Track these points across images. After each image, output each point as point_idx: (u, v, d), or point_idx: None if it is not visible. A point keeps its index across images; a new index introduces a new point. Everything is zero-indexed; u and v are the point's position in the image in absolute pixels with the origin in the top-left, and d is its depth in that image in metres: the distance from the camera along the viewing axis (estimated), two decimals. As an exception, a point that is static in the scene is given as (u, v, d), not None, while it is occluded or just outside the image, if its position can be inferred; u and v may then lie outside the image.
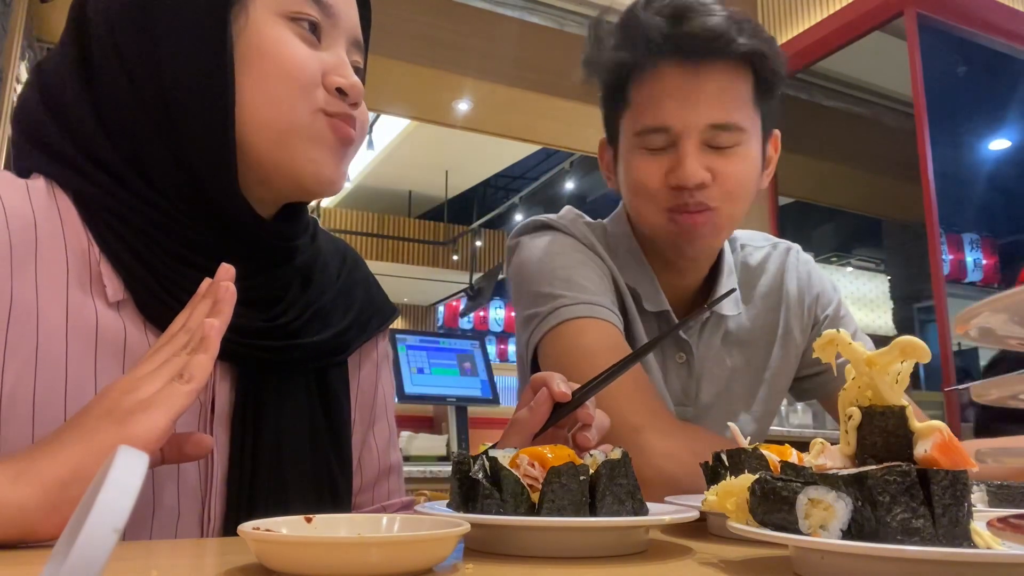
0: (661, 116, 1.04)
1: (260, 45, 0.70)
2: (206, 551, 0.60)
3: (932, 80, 3.55)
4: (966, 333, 0.43)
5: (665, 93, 1.04)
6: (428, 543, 0.47)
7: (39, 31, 4.19)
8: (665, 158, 1.05)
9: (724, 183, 1.04)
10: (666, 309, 1.13)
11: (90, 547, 0.29)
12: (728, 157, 1.04)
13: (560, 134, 5.56)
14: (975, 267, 5.14)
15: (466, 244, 11.57)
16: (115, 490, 0.31)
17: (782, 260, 1.25)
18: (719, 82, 1.04)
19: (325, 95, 0.72)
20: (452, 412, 2.91)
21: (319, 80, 0.72)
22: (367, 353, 0.89)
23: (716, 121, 1.03)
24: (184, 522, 0.69)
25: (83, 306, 0.66)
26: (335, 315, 0.82)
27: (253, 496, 0.70)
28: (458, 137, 7.26)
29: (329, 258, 0.86)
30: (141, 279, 0.68)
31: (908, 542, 0.43)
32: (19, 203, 0.66)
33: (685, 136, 1.03)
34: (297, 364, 0.76)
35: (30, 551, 0.54)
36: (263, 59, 0.70)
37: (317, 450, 0.76)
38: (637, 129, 1.07)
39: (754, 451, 0.66)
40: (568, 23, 4.22)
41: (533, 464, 0.59)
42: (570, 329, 1.04)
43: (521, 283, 1.14)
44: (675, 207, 1.05)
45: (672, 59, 1.04)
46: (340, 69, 0.73)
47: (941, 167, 3.51)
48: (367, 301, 0.87)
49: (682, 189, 1.03)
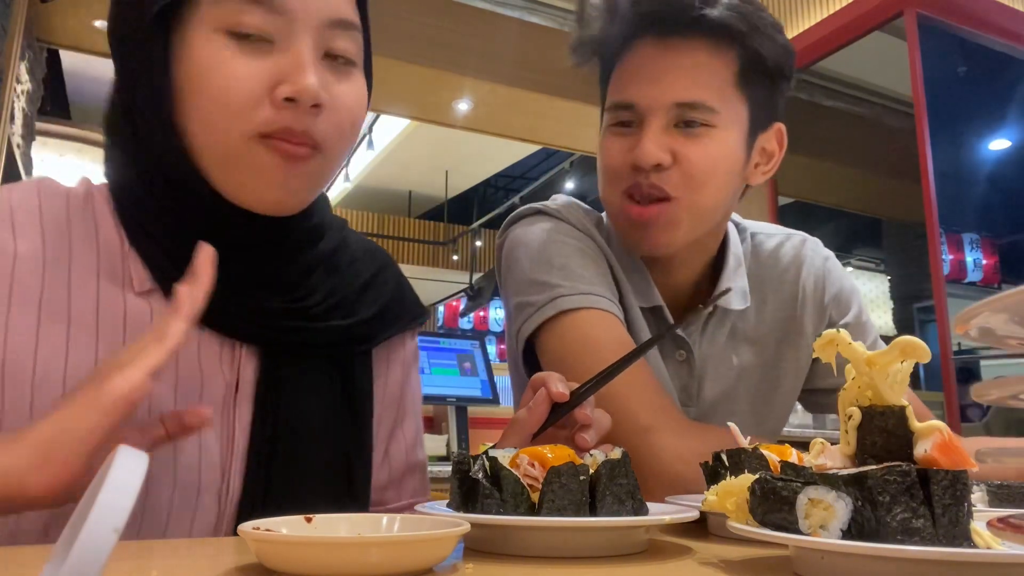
0: (627, 92, 1.01)
1: (192, 69, 0.68)
2: (206, 551, 0.60)
3: (932, 80, 3.55)
4: (966, 333, 0.43)
5: (635, 68, 1.01)
6: (428, 543, 0.47)
7: (39, 31, 4.20)
8: (630, 137, 1.01)
9: (686, 167, 0.98)
10: (659, 305, 1.08)
11: (90, 547, 0.29)
12: (694, 139, 0.98)
13: (560, 134, 5.57)
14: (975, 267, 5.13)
15: (466, 244, 11.57)
16: (115, 490, 0.31)
17: (797, 251, 1.17)
18: (693, 58, 0.99)
19: (270, 111, 0.67)
20: (452, 412, 2.91)
21: (261, 95, 0.67)
22: (395, 351, 0.89)
23: (683, 99, 0.98)
24: (204, 495, 0.71)
25: (113, 297, 0.71)
26: (361, 305, 0.82)
27: (270, 472, 0.72)
28: (458, 137, 7.26)
29: (359, 254, 0.87)
30: (166, 270, 0.71)
31: (908, 542, 0.43)
32: (56, 210, 0.73)
33: (650, 114, 0.99)
34: (319, 348, 0.77)
35: (30, 551, 0.54)
36: (198, 83, 0.67)
37: (335, 433, 0.77)
38: (608, 105, 1.04)
39: (754, 451, 0.66)
40: (568, 23, 4.21)
41: (533, 464, 0.59)
42: (571, 320, 0.99)
43: (512, 270, 1.08)
44: (629, 189, 1.00)
45: (647, 34, 1.00)
46: (291, 74, 0.67)
47: (941, 167, 3.51)
48: (396, 299, 0.88)
49: (639, 170, 0.98)
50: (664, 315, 1.08)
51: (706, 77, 0.99)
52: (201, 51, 0.67)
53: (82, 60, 5.11)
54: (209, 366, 0.73)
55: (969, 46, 3.92)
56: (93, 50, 4.36)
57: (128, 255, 0.73)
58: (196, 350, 0.73)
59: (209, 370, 0.73)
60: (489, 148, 8.25)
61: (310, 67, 0.68)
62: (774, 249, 1.18)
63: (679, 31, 0.99)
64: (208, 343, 0.73)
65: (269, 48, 0.68)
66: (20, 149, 4.17)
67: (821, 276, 1.16)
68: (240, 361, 0.74)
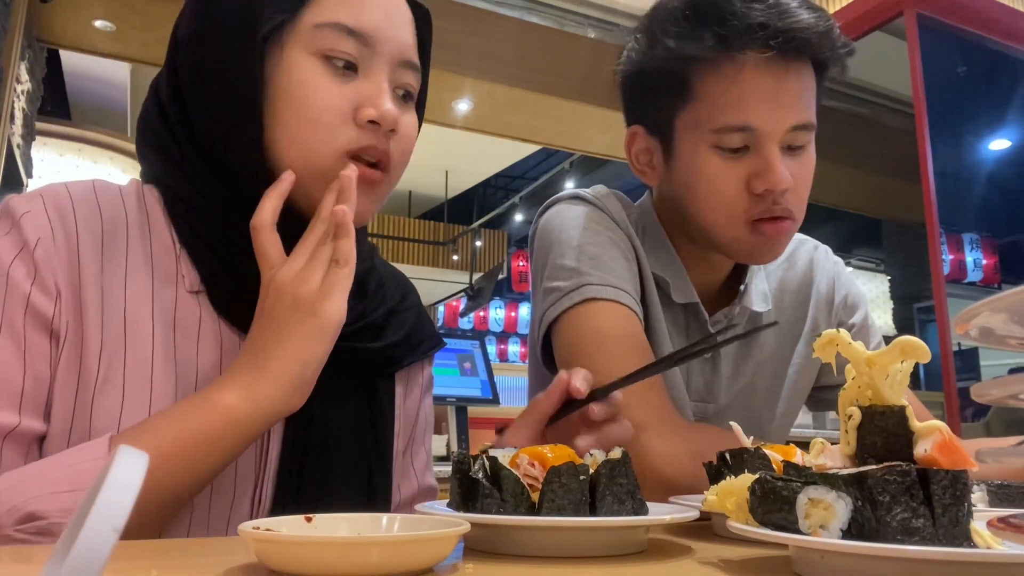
0: (745, 115, 0.96)
1: (288, 88, 0.73)
2: (206, 551, 0.60)
3: (932, 80, 3.55)
4: (966, 333, 0.43)
5: (751, 91, 0.96)
6: (428, 543, 0.47)
7: (39, 31, 4.19)
8: (743, 162, 0.98)
9: (799, 187, 0.99)
10: (695, 301, 1.09)
11: (90, 547, 0.29)
12: (800, 158, 1.00)
13: (560, 134, 5.57)
14: (975, 267, 5.14)
15: (466, 244, 11.57)
16: (115, 489, 0.31)
17: (811, 256, 1.22)
18: (803, 81, 0.99)
19: (356, 132, 0.74)
20: (452, 412, 2.91)
21: (349, 116, 0.74)
22: (414, 376, 0.93)
23: (800, 122, 0.98)
24: (237, 504, 0.74)
25: (165, 294, 0.74)
26: (387, 331, 0.86)
27: (301, 484, 0.75)
28: (458, 137, 7.25)
29: (386, 280, 0.90)
30: (214, 272, 0.75)
31: (908, 542, 0.43)
32: (113, 208, 0.76)
33: (768, 138, 0.96)
34: (349, 367, 0.80)
35: (30, 550, 0.54)
36: (290, 102, 0.73)
37: (360, 451, 0.80)
38: (715, 127, 0.98)
39: (757, 451, 0.66)
40: (568, 23, 4.22)
41: (533, 464, 0.59)
42: (592, 310, 1.00)
43: (545, 252, 1.08)
44: (758, 216, 0.99)
45: (759, 53, 0.95)
46: (374, 99, 0.74)
47: (941, 167, 3.51)
48: (418, 326, 0.91)
49: (766, 196, 0.97)
50: (699, 311, 1.10)
51: (810, 96, 1.00)
52: (299, 71, 0.73)
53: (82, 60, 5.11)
54: None
55: (969, 46, 3.92)
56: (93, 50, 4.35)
57: (181, 255, 0.76)
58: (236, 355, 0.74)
59: None
60: (489, 148, 8.24)
61: (388, 95, 0.76)
62: (791, 254, 1.22)
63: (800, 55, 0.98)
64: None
65: (353, 76, 0.75)
66: (20, 149, 4.17)
67: (832, 280, 1.21)
68: None
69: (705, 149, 1.00)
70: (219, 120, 0.75)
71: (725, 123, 0.97)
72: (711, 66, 0.98)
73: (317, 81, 0.73)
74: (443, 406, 2.95)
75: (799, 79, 0.98)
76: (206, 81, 0.75)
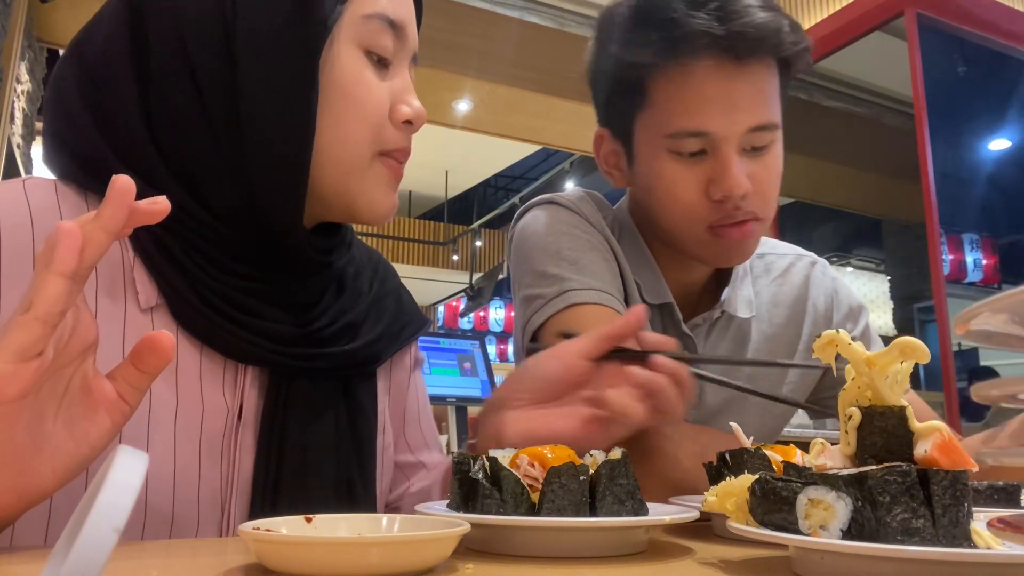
0: (698, 120, 0.94)
1: (341, 82, 0.70)
2: (206, 551, 0.60)
3: (932, 80, 3.55)
4: (966, 333, 0.43)
5: (703, 95, 0.94)
6: (428, 543, 0.47)
7: (39, 31, 4.20)
8: (700, 167, 0.96)
9: (762, 188, 0.97)
10: (668, 301, 1.07)
11: (90, 547, 0.29)
12: (763, 159, 0.98)
13: (560, 134, 5.57)
14: (975, 267, 5.14)
15: (466, 244, 11.57)
16: (115, 490, 0.31)
17: (807, 273, 1.20)
18: (759, 82, 0.96)
19: (391, 132, 0.73)
20: (452, 412, 2.91)
21: (387, 115, 0.73)
22: (399, 359, 0.88)
23: (758, 123, 0.95)
24: (203, 534, 0.68)
25: (112, 313, 0.66)
26: (365, 326, 0.81)
27: (276, 501, 0.69)
28: (458, 137, 7.26)
29: (362, 267, 0.86)
30: (175, 284, 0.67)
31: (908, 542, 0.43)
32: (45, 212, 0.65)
33: (725, 142, 0.95)
34: (325, 372, 0.75)
35: (30, 550, 0.54)
36: (343, 98, 0.70)
37: (340, 458, 0.75)
38: (668, 131, 0.96)
39: (757, 451, 0.66)
40: (568, 23, 4.22)
41: (533, 464, 0.59)
42: (577, 315, 0.97)
43: (524, 259, 1.06)
44: (718, 221, 0.97)
45: (709, 57, 0.93)
46: (406, 96, 0.74)
47: (941, 167, 3.51)
48: (397, 311, 0.87)
49: (725, 202, 0.96)
50: (674, 312, 1.08)
51: (769, 95, 0.97)
52: (349, 66, 0.71)
53: (82, 60, 5.11)
54: (211, 392, 0.70)
55: (969, 46, 3.92)
56: (93, 50, 4.35)
57: (132, 265, 0.68)
58: (198, 374, 0.69)
59: (211, 396, 0.69)
60: (489, 148, 8.25)
61: (414, 92, 0.75)
62: (785, 269, 1.20)
63: (751, 56, 0.95)
64: (210, 366, 0.70)
65: (385, 71, 0.74)
66: (20, 149, 4.17)
67: (830, 297, 1.19)
68: (244, 386, 0.71)
69: (662, 154, 0.98)
70: (259, 117, 0.67)
71: (679, 128, 0.96)
72: (661, 71, 0.96)
73: (366, 76, 0.71)
74: (443, 406, 2.95)
75: (755, 79, 0.95)
76: (241, 74, 0.67)
